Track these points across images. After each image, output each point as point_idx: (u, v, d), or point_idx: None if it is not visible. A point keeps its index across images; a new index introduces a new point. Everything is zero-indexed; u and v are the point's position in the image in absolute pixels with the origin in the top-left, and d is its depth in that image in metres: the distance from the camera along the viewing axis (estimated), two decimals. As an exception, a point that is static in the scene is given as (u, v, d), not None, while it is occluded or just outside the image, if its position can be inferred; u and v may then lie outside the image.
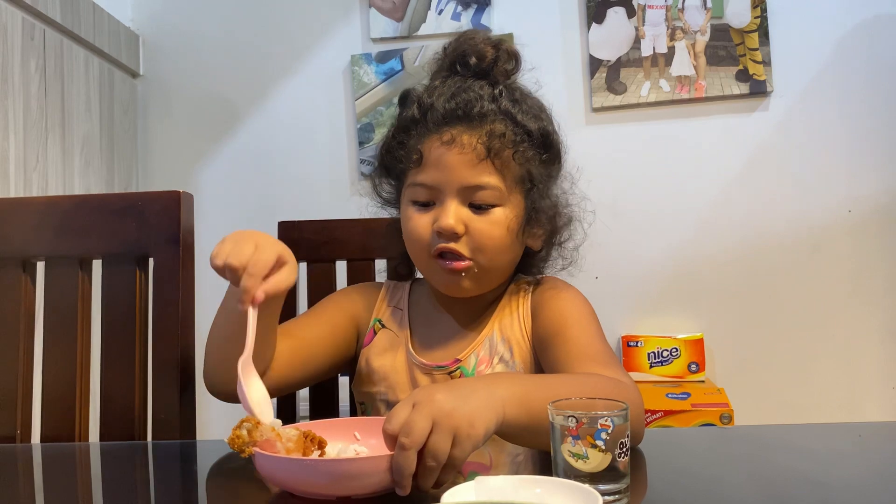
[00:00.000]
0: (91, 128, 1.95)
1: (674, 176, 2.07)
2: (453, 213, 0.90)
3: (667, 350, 2.00)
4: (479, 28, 2.11)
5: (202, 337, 0.96)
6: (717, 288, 2.05)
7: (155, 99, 2.25)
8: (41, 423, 1.03)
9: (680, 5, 2.07)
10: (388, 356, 0.99)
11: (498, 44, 0.96)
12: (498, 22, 2.13)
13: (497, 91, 0.93)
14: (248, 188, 2.21)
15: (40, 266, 1.08)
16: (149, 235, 1.05)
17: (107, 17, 2.02)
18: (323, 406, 1.17)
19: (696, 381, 1.98)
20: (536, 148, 0.94)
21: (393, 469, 0.62)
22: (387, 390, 0.98)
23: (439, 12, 2.15)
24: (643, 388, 1.85)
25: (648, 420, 1.72)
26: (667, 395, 1.83)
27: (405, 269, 1.06)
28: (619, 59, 2.09)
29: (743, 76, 2.04)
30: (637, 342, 2.02)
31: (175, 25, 2.25)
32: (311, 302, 1.21)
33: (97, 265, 1.08)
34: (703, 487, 0.70)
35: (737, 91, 2.04)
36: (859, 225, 2.01)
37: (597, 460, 0.61)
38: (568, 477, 0.61)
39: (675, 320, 2.06)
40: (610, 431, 0.60)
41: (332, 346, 1.01)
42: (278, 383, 0.95)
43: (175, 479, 0.85)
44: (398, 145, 0.97)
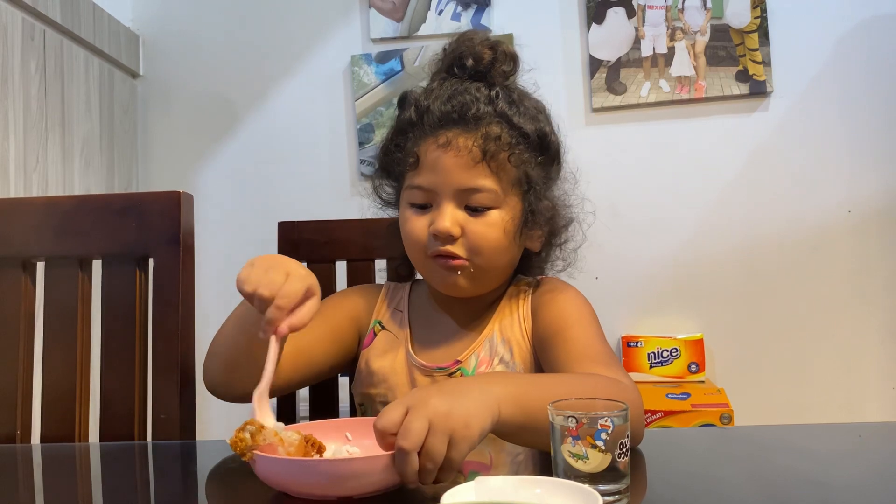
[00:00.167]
0: (91, 128, 1.95)
1: (674, 176, 2.07)
2: (449, 216, 0.90)
3: (667, 350, 2.00)
4: (479, 28, 2.11)
5: (202, 337, 0.96)
6: (717, 288, 2.06)
7: (155, 99, 2.25)
8: (41, 423, 1.03)
9: (680, 6, 2.07)
10: (388, 357, 0.99)
11: (496, 45, 0.96)
12: (498, 22, 2.13)
13: (493, 93, 0.93)
14: (248, 188, 2.21)
15: (40, 266, 1.08)
16: (149, 236, 1.05)
17: (107, 18, 2.02)
18: (323, 406, 1.17)
19: (696, 382, 1.98)
20: (533, 150, 0.93)
21: (398, 472, 0.63)
22: (387, 392, 0.98)
23: (439, 13, 2.15)
24: (643, 388, 1.85)
25: (648, 420, 1.72)
26: (667, 395, 1.83)
27: (405, 270, 1.06)
28: (618, 59, 2.09)
29: (743, 76, 2.04)
30: (637, 342, 2.02)
31: (175, 26, 2.25)
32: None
33: (97, 265, 1.08)
34: (703, 488, 0.70)
35: (737, 91, 2.04)
36: (859, 225, 2.01)
37: (597, 461, 0.61)
38: (568, 477, 0.61)
39: (675, 320, 2.06)
40: (610, 432, 0.60)
41: (332, 347, 1.01)
42: (278, 384, 0.94)
43: (175, 479, 0.85)
44: (396, 148, 0.97)
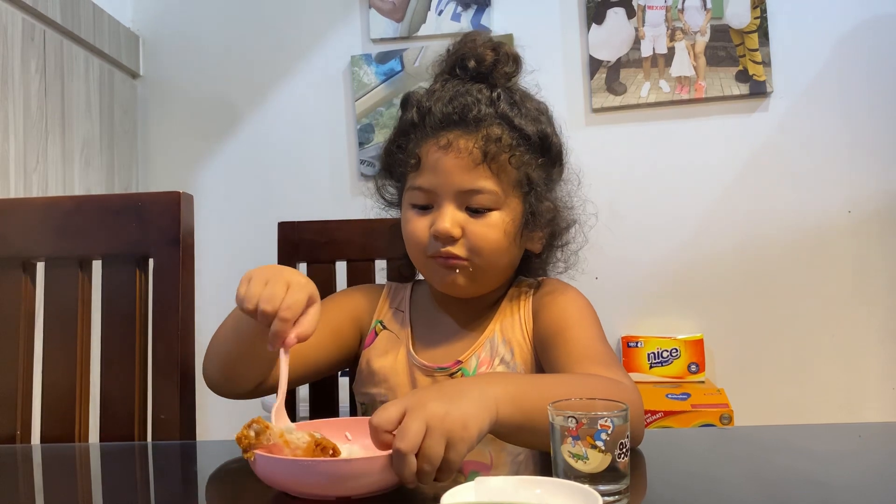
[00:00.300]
0: (91, 128, 1.95)
1: (674, 176, 2.07)
2: (450, 217, 0.91)
3: (667, 350, 2.00)
4: (479, 29, 2.11)
5: (202, 337, 0.96)
6: (716, 288, 2.06)
7: (155, 100, 2.25)
8: (41, 423, 1.03)
9: (680, 6, 2.07)
10: (389, 357, 0.99)
11: (498, 47, 0.96)
12: (498, 22, 2.13)
13: (495, 94, 0.93)
14: (248, 189, 2.21)
15: (40, 266, 1.08)
16: (149, 236, 1.05)
17: (107, 18, 2.02)
18: (323, 406, 1.17)
19: (696, 382, 1.98)
20: (534, 151, 0.94)
21: (396, 473, 0.63)
22: (387, 392, 0.98)
23: (439, 13, 2.15)
24: (643, 388, 1.85)
25: (648, 421, 1.72)
26: (667, 395, 1.83)
27: (407, 270, 1.06)
28: (618, 59, 2.09)
29: (743, 77, 2.04)
30: (637, 343, 2.02)
31: (175, 26, 2.25)
32: (311, 302, 1.21)
33: (97, 266, 1.08)
34: (703, 488, 0.70)
35: (736, 92, 2.04)
36: (859, 225, 2.01)
37: (597, 461, 0.61)
38: (568, 477, 0.61)
39: (675, 321, 2.06)
40: (610, 432, 0.60)
41: (333, 346, 1.01)
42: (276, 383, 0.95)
43: (175, 479, 0.85)
44: (398, 149, 0.97)
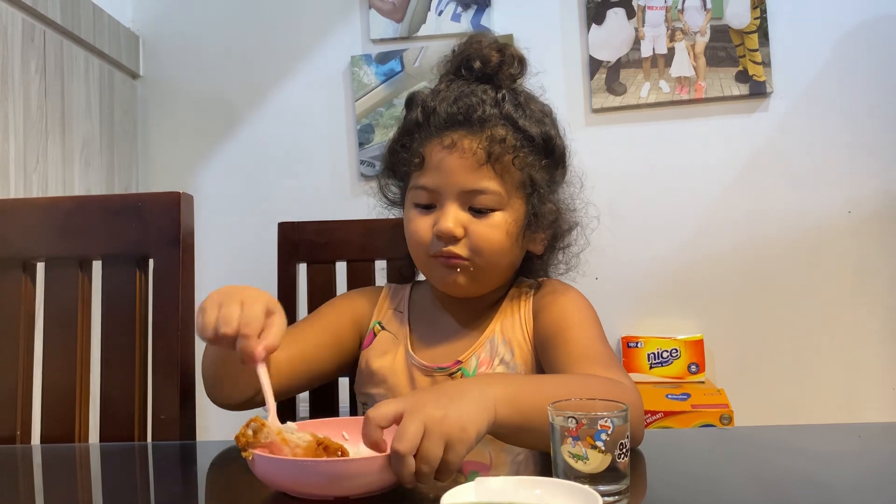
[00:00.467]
0: (91, 129, 1.95)
1: (673, 177, 2.07)
2: (452, 217, 0.91)
3: (667, 351, 2.00)
4: (479, 29, 2.11)
5: (202, 337, 0.96)
6: (716, 289, 2.06)
7: (155, 100, 2.25)
8: (41, 423, 1.03)
9: (680, 6, 2.07)
10: (388, 358, 0.99)
11: (503, 48, 0.96)
12: (498, 23, 2.13)
13: (500, 95, 0.93)
14: (248, 189, 2.21)
15: (40, 267, 1.08)
16: (149, 236, 1.05)
17: (107, 18, 2.02)
18: (323, 406, 1.17)
19: (696, 382, 1.98)
20: (538, 153, 0.94)
21: (394, 474, 0.63)
22: (387, 392, 0.98)
23: (439, 13, 2.15)
24: (643, 388, 1.84)
25: (648, 421, 1.72)
26: (667, 395, 1.83)
27: (408, 270, 1.06)
28: (618, 60, 2.09)
29: (743, 77, 2.04)
30: (637, 343, 2.02)
31: (175, 26, 2.25)
32: (311, 302, 1.21)
33: (97, 266, 1.08)
34: (703, 488, 0.70)
35: (736, 92, 2.04)
36: (859, 226, 2.01)
37: (597, 461, 0.61)
38: (568, 478, 0.61)
39: (675, 321, 2.06)
40: (610, 432, 0.60)
41: (334, 351, 1.02)
42: (282, 392, 0.95)
43: (175, 480, 0.85)
44: (402, 148, 0.97)
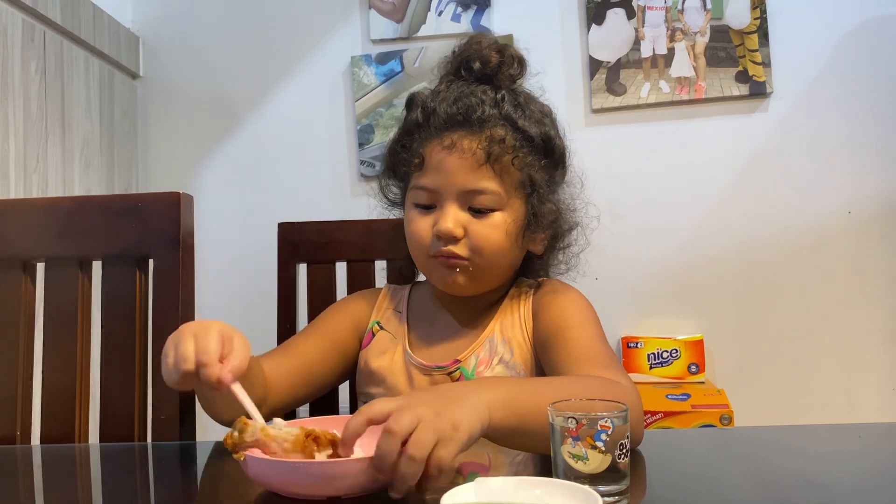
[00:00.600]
0: (91, 129, 1.95)
1: (673, 177, 2.07)
2: (452, 217, 0.91)
3: (667, 351, 2.00)
4: (479, 30, 2.11)
5: (202, 338, 0.96)
6: (716, 289, 2.06)
7: (155, 100, 2.25)
8: (41, 424, 1.03)
9: (679, 6, 2.07)
10: (386, 357, 0.99)
11: (503, 49, 0.96)
12: (498, 23, 2.13)
13: (499, 96, 0.94)
14: (247, 189, 2.21)
15: (40, 267, 1.08)
16: (149, 237, 1.05)
17: (107, 19, 2.02)
18: (323, 406, 1.17)
19: (696, 383, 1.98)
20: (537, 153, 0.94)
21: (375, 455, 0.61)
22: (386, 392, 0.98)
23: (439, 14, 2.15)
24: (643, 389, 1.85)
25: (648, 421, 1.72)
26: (666, 396, 1.83)
27: (408, 271, 1.06)
28: (618, 60, 2.09)
29: (742, 77, 2.04)
30: (637, 343, 2.02)
31: (175, 27, 2.25)
32: (311, 302, 1.21)
33: (97, 266, 1.08)
34: (703, 489, 0.70)
35: (736, 92, 2.04)
36: (859, 226, 2.01)
37: (597, 461, 0.61)
38: (568, 478, 0.61)
39: (675, 321, 2.06)
40: (610, 433, 0.60)
41: (336, 358, 1.02)
42: (286, 403, 0.96)
43: (175, 480, 0.85)
44: (402, 148, 0.98)
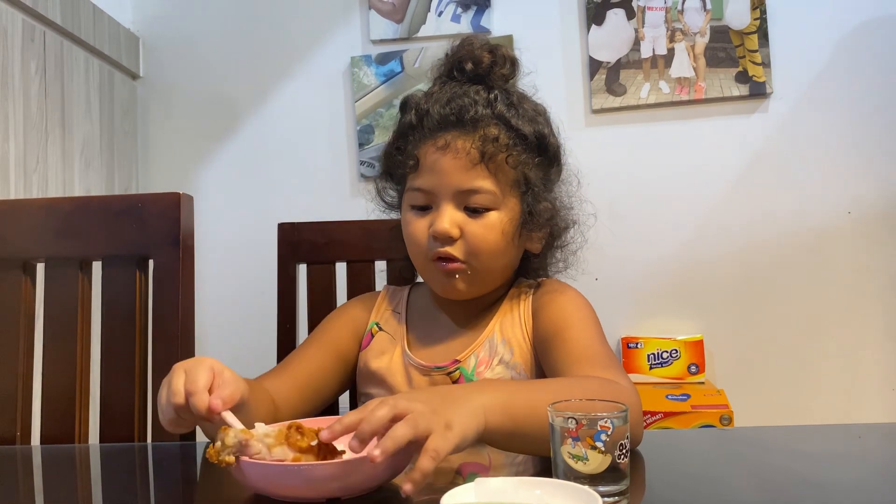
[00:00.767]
0: (91, 129, 1.95)
1: (673, 177, 2.07)
2: (448, 218, 0.91)
3: (667, 351, 2.00)
4: (479, 30, 2.12)
5: (202, 338, 0.96)
6: (716, 289, 2.05)
7: (155, 101, 2.25)
8: (41, 424, 1.03)
9: (679, 7, 2.07)
10: (385, 358, 1.00)
11: (495, 49, 0.97)
12: (497, 24, 2.13)
13: (492, 96, 0.94)
14: (247, 190, 2.21)
15: (40, 267, 1.08)
16: (149, 237, 1.05)
17: (107, 19, 2.02)
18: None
19: (696, 383, 1.98)
20: (531, 151, 0.94)
21: (364, 418, 0.61)
22: (386, 392, 0.98)
23: (439, 14, 2.15)
24: (643, 389, 1.85)
25: (648, 422, 1.72)
26: (666, 396, 1.83)
27: (407, 272, 1.07)
28: (618, 60, 2.09)
29: (742, 78, 2.04)
30: (637, 343, 2.02)
31: (175, 27, 2.25)
32: (311, 302, 1.21)
33: (97, 267, 1.08)
34: (703, 489, 0.70)
35: (736, 93, 2.04)
36: (859, 226, 2.01)
37: (596, 462, 0.61)
38: (568, 478, 0.61)
39: (674, 322, 2.06)
40: (610, 433, 0.60)
41: (339, 367, 1.02)
42: (293, 418, 0.95)
43: (175, 480, 0.85)
44: (397, 151, 0.98)
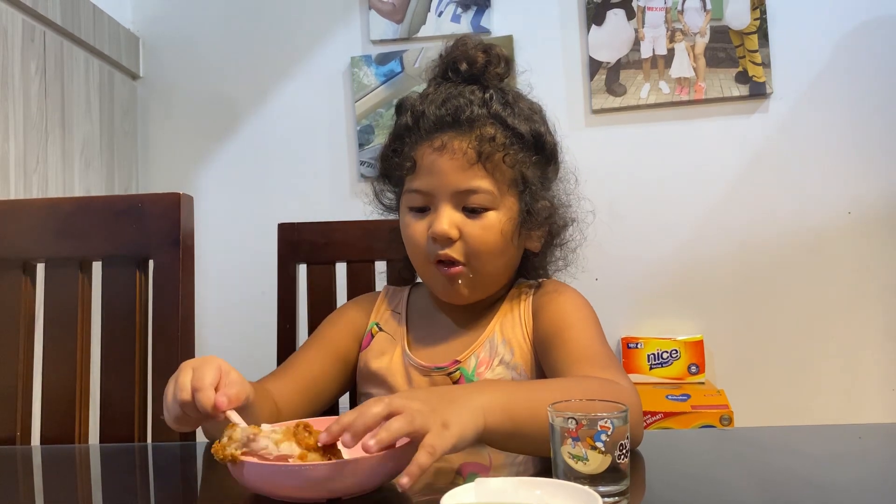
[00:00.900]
0: (91, 130, 1.95)
1: (673, 177, 2.07)
2: (447, 219, 0.91)
3: (667, 352, 2.00)
4: (479, 30, 2.11)
5: (202, 339, 0.96)
6: (716, 289, 2.06)
7: (155, 101, 2.25)
8: (41, 424, 1.03)
9: (679, 7, 2.07)
10: (385, 358, 1.00)
11: (489, 49, 0.96)
12: (497, 24, 2.13)
13: (487, 95, 0.94)
14: (247, 190, 2.21)
15: (40, 268, 1.08)
16: (149, 237, 1.05)
17: (107, 19, 2.02)
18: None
19: (696, 383, 1.98)
20: (528, 150, 0.94)
21: (358, 411, 0.63)
22: (386, 392, 0.98)
23: (439, 14, 2.15)
24: (643, 389, 1.85)
25: (648, 422, 1.72)
26: (666, 396, 1.83)
27: (407, 272, 1.06)
28: (618, 60, 2.09)
29: (742, 78, 2.04)
30: (637, 344, 2.02)
31: (175, 27, 2.25)
32: (311, 303, 1.21)
33: (97, 267, 1.08)
34: (703, 489, 0.70)
35: (736, 93, 2.04)
36: (859, 226, 2.01)
37: (597, 462, 0.61)
38: (568, 478, 0.61)
39: (675, 322, 2.06)
40: (610, 433, 0.60)
41: (340, 370, 1.02)
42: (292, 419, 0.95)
43: (175, 480, 0.85)
44: (394, 153, 0.98)
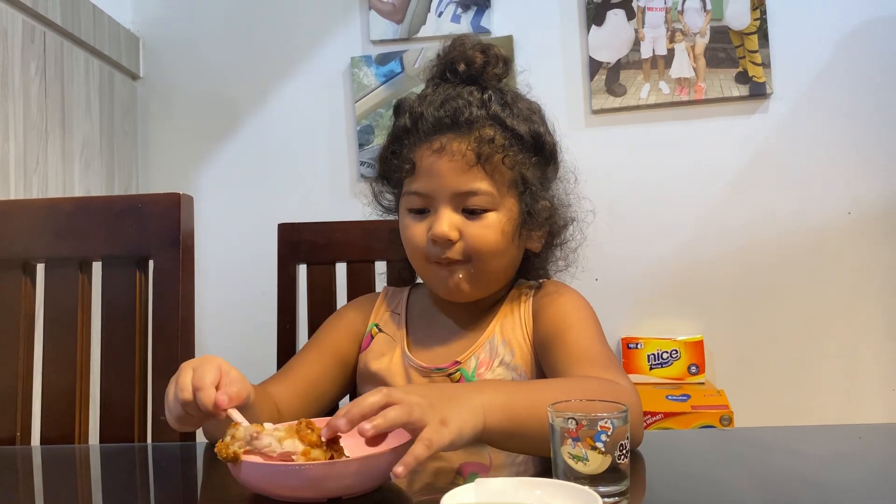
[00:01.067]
0: (91, 130, 1.95)
1: (673, 178, 2.07)
2: (447, 221, 0.91)
3: (667, 352, 2.00)
4: (479, 30, 2.11)
5: (202, 339, 0.96)
6: (716, 290, 2.05)
7: (155, 101, 2.25)
8: (41, 424, 1.03)
9: (679, 7, 2.07)
10: (385, 359, 0.99)
11: (487, 49, 0.96)
12: (497, 24, 2.13)
13: (486, 96, 0.93)
14: (247, 190, 2.22)
15: (40, 268, 1.08)
16: (149, 237, 1.05)
17: (107, 20, 2.02)
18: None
19: (696, 383, 1.98)
20: (527, 151, 0.94)
21: (355, 401, 0.64)
22: (386, 393, 0.98)
23: (439, 14, 2.15)
24: (643, 389, 1.85)
25: (648, 422, 1.72)
26: (666, 396, 1.83)
27: (407, 273, 1.06)
28: (618, 61, 2.09)
29: (742, 78, 2.04)
30: (637, 344, 2.02)
31: (175, 28, 2.25)
32: (311, 303, 1.21)
33: (97, 267, 1.08)
34: (703, 489, 0.70)
35: (736, 93, 2.04)
36: (859, 227, 2.01)
37: (597, 462, 0.61)
38: (568, 479, 0.61)
39: (675, 322, 2.06)
40: (610, 433, 0.60)
41: (340, 372, 1.02)
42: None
43: (175, 480, 0.85)
44: (393, 155, 0.97)
